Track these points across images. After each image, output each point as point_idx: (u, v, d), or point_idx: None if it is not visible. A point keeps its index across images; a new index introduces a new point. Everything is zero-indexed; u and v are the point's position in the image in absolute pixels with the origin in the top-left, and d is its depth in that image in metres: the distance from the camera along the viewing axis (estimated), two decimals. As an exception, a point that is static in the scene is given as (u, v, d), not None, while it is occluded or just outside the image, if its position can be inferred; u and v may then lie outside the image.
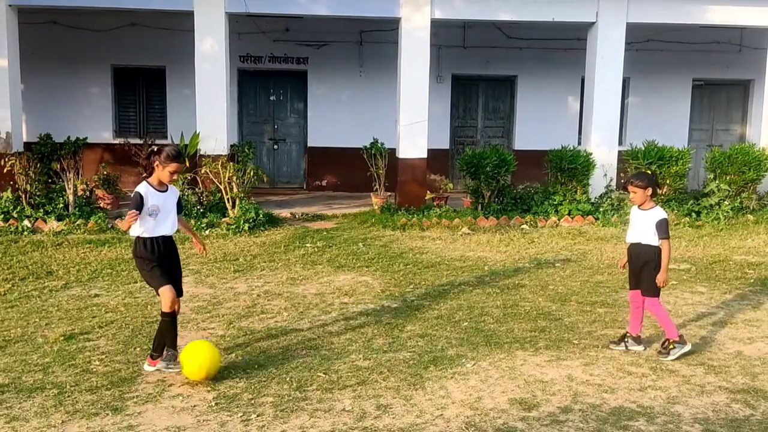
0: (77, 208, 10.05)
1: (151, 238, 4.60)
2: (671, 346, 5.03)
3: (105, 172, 11.24)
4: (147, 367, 4.71)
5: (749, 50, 14.19)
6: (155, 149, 4.67)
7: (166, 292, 4.54)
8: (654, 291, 5.12)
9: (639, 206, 5.20)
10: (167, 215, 4.68)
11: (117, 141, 13.67)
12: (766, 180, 11.70)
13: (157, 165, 4.61)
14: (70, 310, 6.08)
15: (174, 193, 4.79)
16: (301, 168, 14.63)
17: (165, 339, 4.69)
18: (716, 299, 6.66)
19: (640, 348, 5.18)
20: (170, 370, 4.63)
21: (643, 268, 5.13)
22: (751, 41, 13.98)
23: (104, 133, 13.81)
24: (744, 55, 14.42)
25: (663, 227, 5.05)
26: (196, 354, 4.48)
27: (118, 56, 13.68)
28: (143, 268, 4.66)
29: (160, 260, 4.62)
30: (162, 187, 4.68)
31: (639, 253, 5.17)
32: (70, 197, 10.11)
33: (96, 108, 13.82)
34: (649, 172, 5.46)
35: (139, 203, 4.51)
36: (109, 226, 9.62)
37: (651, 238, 5.10)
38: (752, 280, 7.39)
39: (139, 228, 4.56)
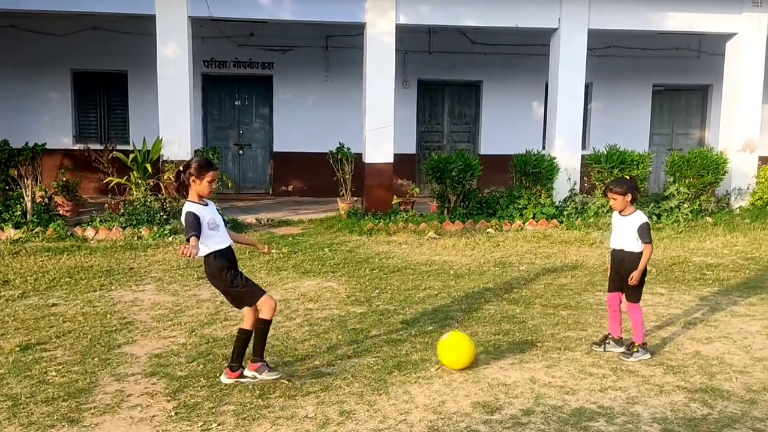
0: (35, 216, 9.83)
1: (222, 251, 4.46)
2: (635, 349, 5.09)
3: (64, 179, 11.03)
4: (225, 380, 4.56)
5: (707, 56, 14.53)
6: (182, 169, 4.50)
7: (267, 300, 4.49)
8: (637, 297, 5.16)
9: (620, 212, 5.16)
10: (222, 226, 4.58)
11: (77, 147, 13.42)
12: (724, 183, 11.99)
13: (193, 181, 4.43)
14: (26, 320, 5.93)
15: (213, 205, 4.66)
16: (267, 173, 14.53)
17: (257, 347, 4.57)
18: (675, 300, 6.78)
19: (621, 350, 5.19)
20: (271, 377, 4.52)
21: (626, 275, 5.10)
22: (709, 47, 14.32)
23: (64, 139, 13.55)
24: (702, 61, 14.76)
25: (644, 231, 5.05)
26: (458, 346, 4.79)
27: (78, 61, 13.44)
28: (228, 282, 4.46)
29: (235, 267, 4.51)
30: (203, 202, 4.51)
31: (623, 259, 5.15)
32: (28, 204, 9.88)
33: (55, 113, 13.56)
34: (627, 177, 5.45)
35: (197, 223, 4.32)
36: (69, 233, 9.43)
37: (633, 245, 5.08)
38: (710, 281, 7.54)
39: (206, 247, 4.39)
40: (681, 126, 15.67)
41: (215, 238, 4.45)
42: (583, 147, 12.64)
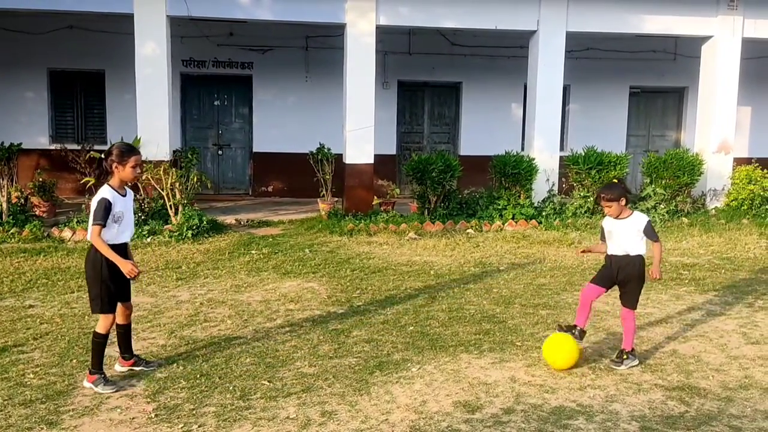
0: (11, 217, 9.69)
1: (113, 245, 4.39)
2: (625, 356, 5.04)
3: (41, 179, 10.87)
4: (119, 368, 4.71)
5: (683, 59, 14.74)
6: (103, 156, 4.48)
7: (108, 318, 4.48)
8: (634, 303, 5.08)
9: (617, 217, 5.00)
10: (129, 220, 4.54)
11: (53, 147, 13.26)
12: (699, 184, 12.17)
13: (115, 167, 4.41)
14: (3, 322, 5.85)
15: (131, 196, 4.64)
16: (247, 174, 14.47)
17: (96, 358, 4.52)
18: (653, 300, 6.87)
19: (580, 342, 5.11)
20: (106, 390, 4.43)
21: (629, 282, 5.01)
22: (685, 50, 14.53)
23: (40, 139, 13.38)
24: (679, 64, 14.97)
25: (650, 231, 4.93)
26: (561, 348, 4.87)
27: (54, 60, 13.28)
28: (95, 280, 4.43)
29: (114, 270, 4.39)
30: (123, 191, 4.50)
31: (625, 265, 4.99)
32: (4, 205, 9.74)
33: (31, 113, 13.38)
34: (615, 180, 5.36)
35: (106, 212, 4.29)
36: (45, 234, 9.31)
37: (637, 247, 4.96)
38: (687, 281, 7.65)
39: (104, 237, 4.35)
40: (657, 128, 15.88)
41: (112, 231, 4.40)
42: (562, 148, 12.75)
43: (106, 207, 4.31)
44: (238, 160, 14.45)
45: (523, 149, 12.68)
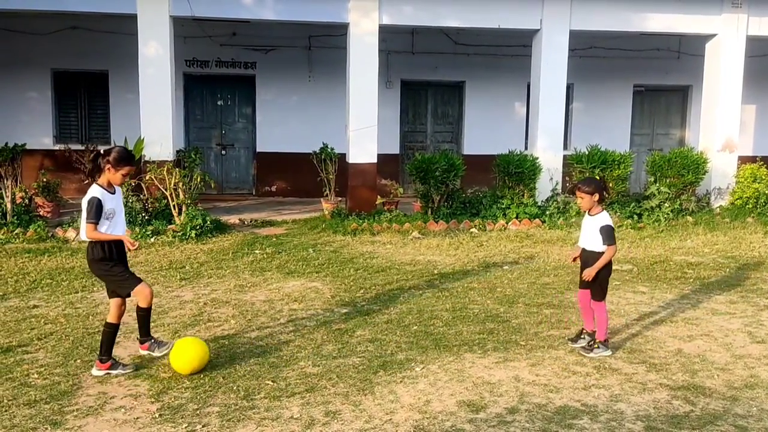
0: (15, 217, 9.71)
1: (108, 242, 4.62)
2: (596, 345, 5.16)
3: (45, 179, 10.89)
4: (96, 372, 4.69)
5: (687, 57, 14.70)
6: (102, 151, 4.64)
7: (143, 288, 4.70)
8: (601, 295, 5.22)
9: (588, 211, 5.25)
10: (121, 217, 4.74)
11: (57, 147, 13.28)
12: (704, 182, 12.13)
13: (108, 168, 4.59)
14: (7, 322, 5.86)
15: (120, 193, 4.83)
16: (250, 173, 14.47)
17: (144, 329, 4.95)
18: (657, 299, 6.85)
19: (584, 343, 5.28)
20: (163, 352, 4.90)
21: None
22: (689, 48, 14.48)
23: (44, 139, 13.40)
24: (682, 62, 14.93)
25: (606, 233, 5.10)
26: (186, 351, 4.68)
27: (58, 60, 13.30)
28: (105, 271, 4.67)
29: (117, 259, 4.68)
30: (112, 189, 4.68)
31: (587, 259, 5.22)
32: (8, 205, 9.76)
33: (35, 113, 13.40)
34: (597, 177, 5.51)
35: (99, 210, 4.50)
36: (49, 234, 9.32)
37: (597, 244, 5.15)
38: (691, 280, 7.63)
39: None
40: (661, 126, 15.83)
41: (103, 227, 4.58)
42: (565, 147, 12.73)
43: (97, 205, 4.51)
44: (242, 160, 14.45)
45: (526, 148, 12.66)
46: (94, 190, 4.56)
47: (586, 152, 11.59)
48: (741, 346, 5.45)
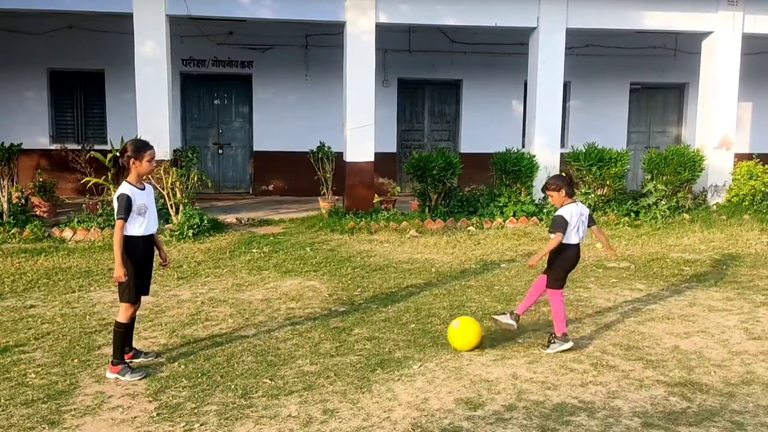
0: (12, 217, 9.69)
1: (137, 237, 4.63)
2: (553, 341, 5.19)
3: (41, 179, 10.88)
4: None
5: (684, 55, 14.71)
6: (119, 154, 4.70)
7: (129, 308, 4.67)
8: (553, 283, 5.27)
9: (560, 206, 5.33)
10: (153, 212, 4.75)
11: (54, 147, 13.24)
12: (700, 180, 12.15)
13: (132, 162, 4.62)
14: (4, 322, 5.85)
15: (151, 190, 4.85)
16: (247, 172, 14.46)
17: (118, 347, 4.74)
18: (654, 295, 6.87)
19: (507, 321, 5.33)
20: (134, 378, 4.63)
21: (549, 264, 5.32)
22: (685, 46, 14.50)
23: (40, 139, 13.37)
24: (679, 60, 14.94)
25: (552, 223, 5.26)
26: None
27: (54, 59, 13.26)
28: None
29: (139, 262, 4.67)
30: (141, 185, 4.70)
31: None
32: (5, 205, 9.74)
33: (31, 113, 13.37)
34: (564, 174, 5.57)
35: (128, 206, 4.51)
36: (46, 234, 9.31)
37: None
38: (688, 277, 7.64)
39: (126, 229, 4.57)
40: (658, 124, 15.85)
41: (137, 223, 4.60)
42: (562, 145, 12.73)
43: (126, 201, 4.52)
44: (239, 159, 14.44)
45: (523, 146, 12.67)
46: (123, 188, 4.59)
47: (583, 150, 11.60)
48: (737, 343, 5.46)
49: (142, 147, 4.64)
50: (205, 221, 9.89)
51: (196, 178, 10.39)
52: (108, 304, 6.43)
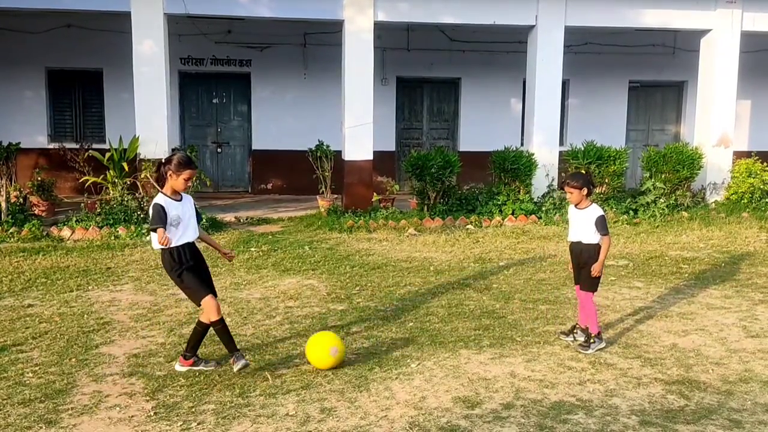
0: (10, 216, 9.68)
1: (177, 248, 4.59)
2: (592, 340, 5.20)
3: (39, 178, 10.88)
4: (179, 367, 4.73)
5: (683, 53, 14.71)
6: (163, 160, 4.67)
7: (209, 302, 4.60)
8: (591, 287, 5.26)
9: (576, 205, 5.30)
10: (188, 223, 4.71)
11: (52, 146, 13.26)
12: (699, 178, 12.15)
13: (170, 175, 4.59)
14: (2, 321, 5.84)
15: (189, 200, 4.80)
16: (246, 171, 14.45)
17: (197, 342, 4.77)
18: (652, 294, 6.86)
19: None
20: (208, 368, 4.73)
21: (584, 267, 5.25)
22: (684, 44, 14.50)
23: (39, 138, 13.37)
24: (678, 58, 14.94)
25: (601, 224, 5.17)
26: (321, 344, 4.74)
27: (52, 58, 13.26)
28: (174, 278, 4.67)
29: (188, 265, 4.64)
30: (177, 197, 4.66)
31: (580, 251, 5.29)
32: (3, 204, 9.73)
33: (30, 112, 13.37)
34: (584, 171, 5.58)
35: (162, 216, 4.48)
36: (44, 233, 9.30)
37: (591, 237, 5.21)
38: (686, 275, 7.64)
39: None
40: (657, 122, 15.85)
41: (172, 234, 4.55)
42: (561, 143, 12.73)
43: (160, 212, 4.50)
44: (237, 158, 14.44)
45: (522, 144, 12.66)
46: (158, 198, 4.58)
47: (582, 148, 11.60)
48: (736, 341, 5.46)
49: (185, 164, 4.58)
50: (204, 220, 9.88)
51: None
52: (106, 303, 6.43)
